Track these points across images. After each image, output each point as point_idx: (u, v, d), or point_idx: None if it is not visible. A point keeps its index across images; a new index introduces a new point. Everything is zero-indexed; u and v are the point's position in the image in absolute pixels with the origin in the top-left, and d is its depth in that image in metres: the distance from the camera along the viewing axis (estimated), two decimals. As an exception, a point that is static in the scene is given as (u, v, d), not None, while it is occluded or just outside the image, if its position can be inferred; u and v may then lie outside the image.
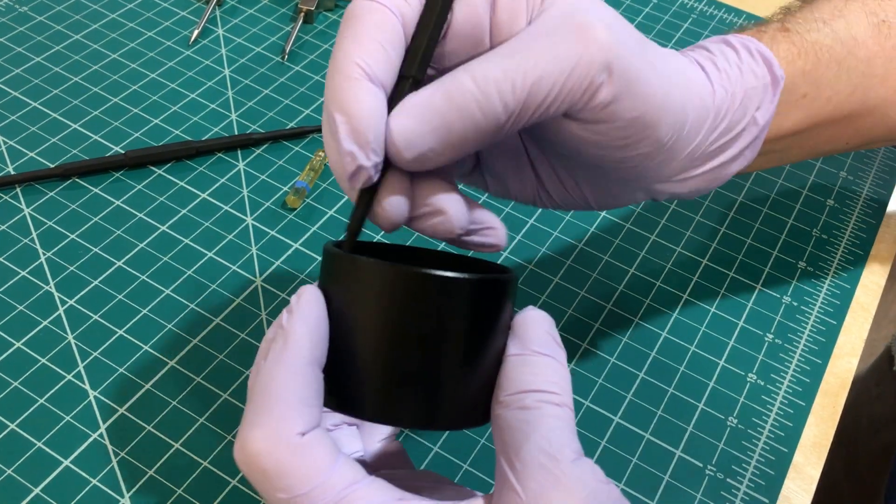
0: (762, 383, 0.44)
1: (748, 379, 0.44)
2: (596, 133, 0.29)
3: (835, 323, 0.47)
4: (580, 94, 0.28)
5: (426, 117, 0.27)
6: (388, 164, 0.28)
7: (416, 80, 0.28)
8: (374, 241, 0.48)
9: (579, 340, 0.45)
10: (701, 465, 0.40)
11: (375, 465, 0.33)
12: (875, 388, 0.72)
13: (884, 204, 0.53)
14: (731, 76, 0.34)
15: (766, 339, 0.46)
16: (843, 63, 0.37)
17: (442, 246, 0.48)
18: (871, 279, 0.49)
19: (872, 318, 0.47)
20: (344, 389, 0.28)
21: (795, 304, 0.47)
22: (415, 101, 0.27)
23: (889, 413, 0.70)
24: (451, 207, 0.29)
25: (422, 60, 0.28)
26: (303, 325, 0.27)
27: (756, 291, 0.48)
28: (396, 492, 0.26)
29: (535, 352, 0.28)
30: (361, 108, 0.26)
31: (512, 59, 0.27)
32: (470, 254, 0.43)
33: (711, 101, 0.33)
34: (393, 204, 0.28)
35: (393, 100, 0.27)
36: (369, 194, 0.28)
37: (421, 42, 0.28)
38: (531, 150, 0.35)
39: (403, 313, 0.27)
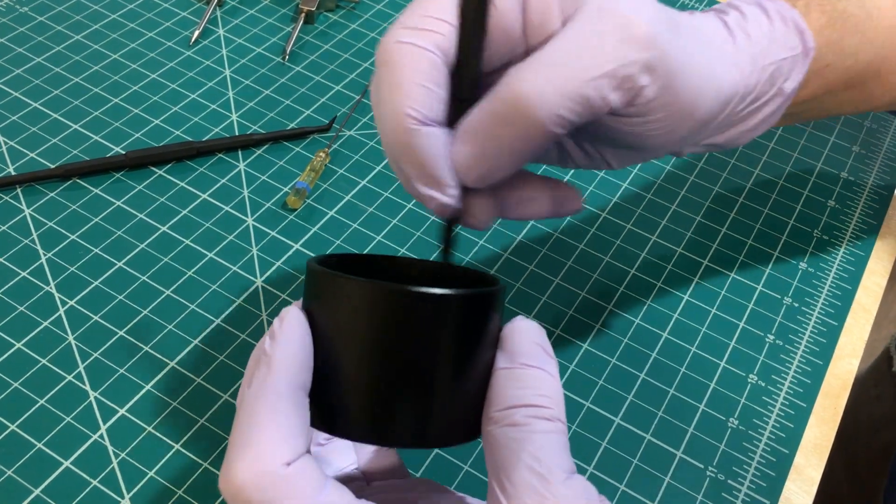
0: (763, 384, 0.44)
1: (749, 380, 0.44)
2: (635, 125, 0.30)
3: (836, 324, 0.47)
4: (623, 96, 0.28)
5: (478, 141, 0.28)
6: None
7: (471, 99, 0.28)
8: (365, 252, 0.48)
9: (580, 341, 0.45)
10: (702, 466, 0.40)
11: (370, 477, 0.33)
12: (874, 388, 0.72)
13: (885, 205, 0.53)
14: (763, 48, 0.33)
15: (767, 340, 0.46)
16: (865, 33, 0.36)
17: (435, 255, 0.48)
18: (873, 280, 0.49)
19: (874, 319, 0.47)
20: (331, 410, 0.27)
21: (796, 305, 0.47)
22: (466, 128, 0.28)
23: (888, 413, 0.70)
24: (536, 191, 0.32)
25: (470, 84, 0.28)
26: (286, 350, 0.26)
27: (757, 292, 0.48)
28: None
29: (525, 364, 0.27)
30: (426, 155, 0.28)
31: (552, 67, 0.27)
32: (463, 258, 0.43)
33: (741, 78, 0.32)
34: (479, 210, 0.31)
35: (453, 122, 0.28)
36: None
37: (467, 65, 0.28)
38: None
39: (389, 332, 0.26)
